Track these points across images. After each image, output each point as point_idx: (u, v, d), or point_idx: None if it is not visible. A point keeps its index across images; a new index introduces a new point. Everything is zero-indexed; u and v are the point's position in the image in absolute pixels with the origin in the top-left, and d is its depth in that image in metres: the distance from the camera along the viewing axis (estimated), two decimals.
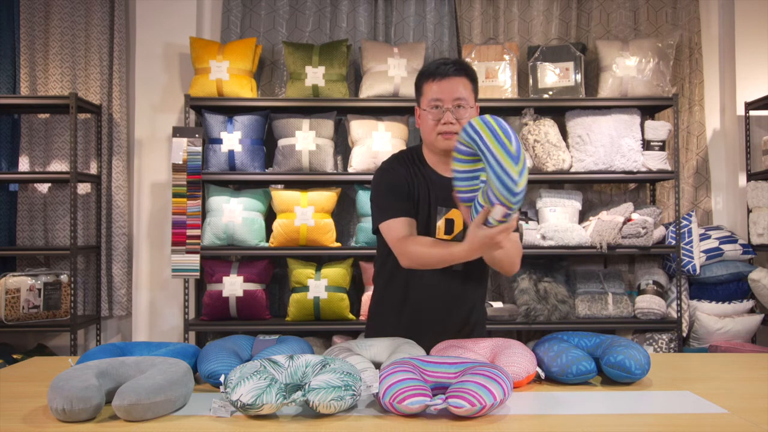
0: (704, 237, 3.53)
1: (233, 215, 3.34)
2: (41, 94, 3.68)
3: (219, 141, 3.40)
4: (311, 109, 3.51)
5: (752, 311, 3.53)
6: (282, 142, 3.43)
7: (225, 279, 3.34)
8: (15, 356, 3.32)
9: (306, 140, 3.37)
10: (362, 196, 3.41)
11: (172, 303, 3.57)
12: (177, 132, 3.33)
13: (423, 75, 1.79)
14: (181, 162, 3.31)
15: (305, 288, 3.31)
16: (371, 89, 3.44)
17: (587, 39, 3.81)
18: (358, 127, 3.42)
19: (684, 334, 3.46)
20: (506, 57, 3.52)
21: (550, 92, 3.51)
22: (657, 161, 3.44)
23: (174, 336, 3.55)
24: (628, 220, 3.41)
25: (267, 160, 3.52)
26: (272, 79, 3.79)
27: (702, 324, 3.43)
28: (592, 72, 3.74)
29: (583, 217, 3.61)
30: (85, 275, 3.74)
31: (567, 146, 3.48)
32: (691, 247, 3.45)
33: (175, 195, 3.31)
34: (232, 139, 3.38)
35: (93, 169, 3.73)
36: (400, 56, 3.48)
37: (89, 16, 3.72)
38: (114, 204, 3.66)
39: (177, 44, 3.61)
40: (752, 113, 3.70)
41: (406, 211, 1.76)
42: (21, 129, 3.73)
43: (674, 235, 3.44)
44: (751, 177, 3.63)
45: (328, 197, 3.39)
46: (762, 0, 3.71)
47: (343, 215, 3.71)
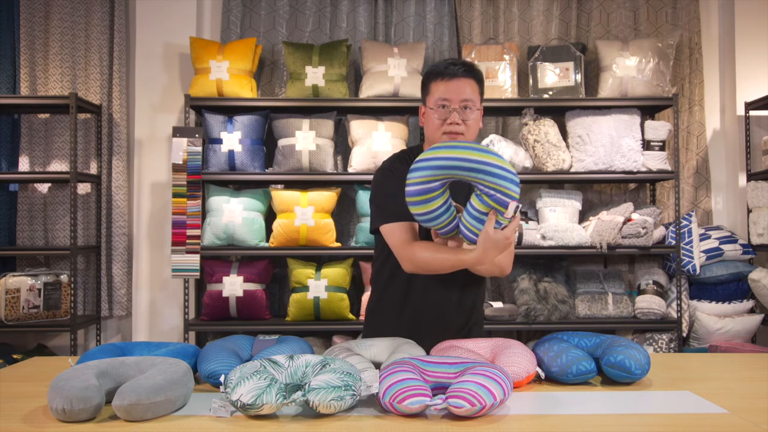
0: (704, 237, 3.53)
1: (233, 215, 3.34)
2: (41, 94, 3.68)
3: (219, 141, 3.40)
4: (311, 109, 3.51)
5: (752, 311, 3.53)
6: (282, 142, 3.43)
7: (225, 279, 3.34)
8: (15, 356, 3.32)
9: (306, 140, 3.37)
10: (362, 196, 3.41)
11: (172, 303, 3.57)
12: (177, 132, 3.33)
13: (431, 74, 1.78)
14: (181, 162, 3.31)
15: (305, 288, 3.31)
16: (371, 89, 3.44)
17: (587, 39, 3.81)
18: (358, 127, 3.42)
19: (684, 334, 3.46)
20: (506, 57, 3.52)
21: (550, 92, 3.51)
22: (657, 161, 3.44)
23: (174, 336, 3.55)
24: (628, 220, 3.41)
25: (267, 160, 3.51)
26: (272, 79, 3.79)
27: (702, 324, 3.43)
28: (592, 72, 3.74)
29: (583, 217, 3.61)
30: (85, 275, 3.74)
31: (567, 146, 3.48)
32: (691, 247, 3.45)
33: (175, 195, 3.31)
34: (232, 139, 3.38)
35: (93, 169, 3.73)
36: (400, 56, 3.48)
37: (89, 16, 3.72)
38: (114, 204, 3.66)
39: (177, 44, 3.61)
40: (752, 113, 3.70)
41: (408, 215, 1.76)
42: (21, 129, 3.73)
43: (674, 235, 3.44)
44: (751, 177, 3.63)
45: (328, 197, 3.39)
46: (762, 0, 3.71)
47: (343, 215, 3.71)
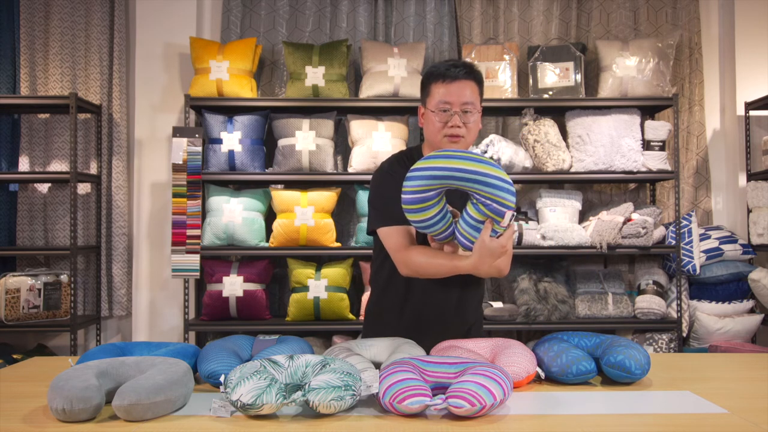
0: (704, 237, 3.53)
1: (233, 215, 3.34)
2: (41, 94, 3.68)
3: (219, 141, 3.40)
4: (311, 109, 3.51)
5: (752, 311, 3.53)
6: (282, 142, 3.43)
7: (225, 279, 3.34)
8: (15, 356, 3.32)
9: (306, 140, 3.37)
10: (362, 196, 3.41)
11: (172, 303, 3.57)
12: (177, 132, 3.33)
13: (431, 75, 1.76)
14: (181, 162, 3.31)
15: (305, 288, 3.31)
16: (371, 89, 3.44)
17: (587, 39, 3.81)
18: (358, 127, 3.42)
19: (684, 334, 3.46)
20: (506, 57, 3.52)
21: (550, 92, 3.51)
22: (657, 161, 3.44)
23: (174, 336, 3.55)
24: (628, 220, 3.41)
25: (267, 160, 3.51)
26: (272, 79, 3.79)
27: (702, 324, 3.43)
28: (592, 72, 3.74)
29: (583, 217, 3.61)
30: (85, 275, 3.74)
31: (567, 146, 3.48)
32: (691, 247, 3.45)
33: (175, 195, 3.31)
34: (232, 139, 3.38)
35: (93, 169, 3.73)
36: (400, 56, 3.48)
37: (89, 16, 3.72)
38: (114, 204, 3.66)
39: (177, 44, 3.61)
40: (752, 113, 3.70)
41: (405, 218, 1.75)
42: (21, 129, 3.73)
43: (674, 235, 3.44)
44: (751, 177, 3.63)
45: (328, 197, 3.39)
46: (762, 0, 3.71)
47: (343, 215, 3.71)
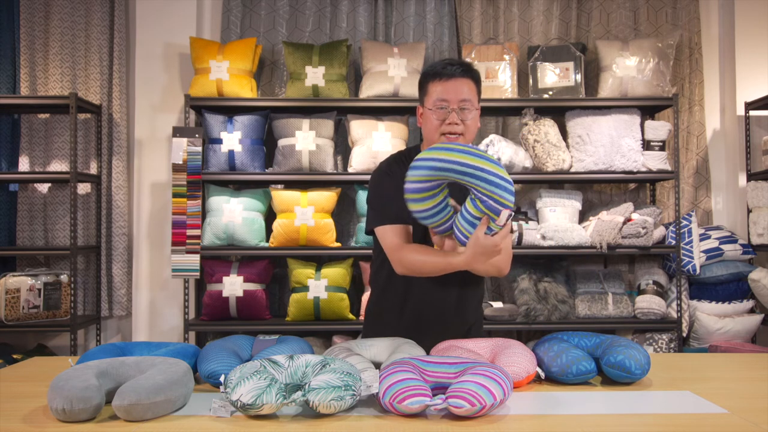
0: (704, 237, 3.53)
1: (233, 215, 3.34)
2: (41, 94, 3.68)
3: (219, 141, 3.40)
4: (311, 109, 3.51)
5: (752, 311, 3.53)
6: (282, 142, 3.43)
7: (225, 279, 3.34)
8: (15, 356, 3.32)
9: (306, 140, 3.37)
10: (362, 196, 3.41)
11: (172, 303, 3.57)
12: (177, 132, 3.33)
13: (428, 74, 1.78)
14: (181, 162, 3.31)
15: (305, 288, 3.31)
16: (371, 89, 3.44)
17: (587, 39, 3.81)
18: (358, 127, 3.42)
19: (684, 334, 3.46)
20: (506, 57, 3.52)
21: (550, 92, 3.51)
22: (657, 161, 3.44)
23: (174, 336, 3.55)
24: (628, 220, 3.41)
25: (267, 160, 3.51)
26: (272, 79, 3.79)
27: (702, 324, 3.43)
28: (592, 72, 3.74)
29: (583, 217, 3.61)
30: (85, 275, 3.74)
31: (567, 146, 3.48)
32: (691, 247, 3.45)
33: (175, 195, 3.31)
34: (232, 139, 3.38)
35: (93, 169, 3.73)
36: (400, 56, 3.48)
37: (89, 16, 3.72)
38: (114, 204, 3.66)
39: (177, 44, 3.61)
40: (752, 113, 3.70)
41: (403, 217, 1.76)
42: (21, 129, 3.73)
43: (674, 235, 3.44)
44: (751, 177, 3.63)
45: (328, 197, 3.39)
46: (762, 0, 3.71)
47: (343, 215, 3.71)
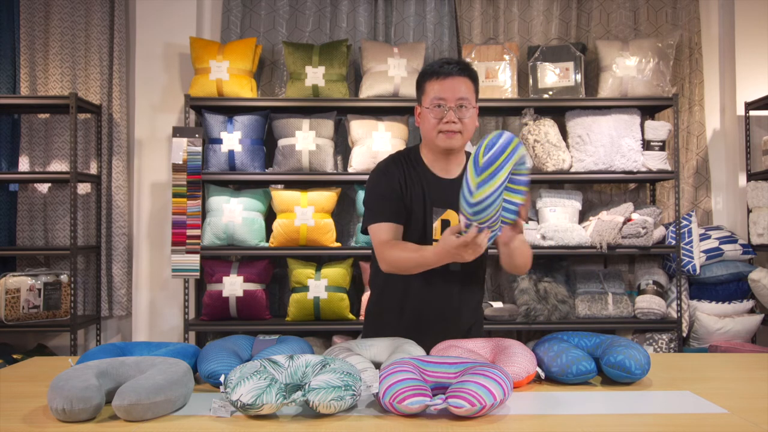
0: (704, 237, 3.53)
1: (233, 215, 3.34)
2: (41, 94, 3.68)
3: (219, 141, 3.40)
4: (311, 109, 3.51)
5: (752, 311, 3.53)
6: (282, 142, 3.43)
7: (225, 279, 3.34)
8: (15, 356, 3.32)
9: (306, 140, 3.37)
10: (362, 196, 3.41)
11: (172, 303, 3.57)
12: (177, 132, 3.33)
13: (426, 74, 1.78)
14: (181, 162, 3.31)
15: (305, 288, 3.31)
16: (371, 89, 3.44)
17: (587, 39, 3.81)
18: (358, 127, 3.42)
19: (684, 334, 3.46)
20: (506, 57, 3.52)
21: (550, 92, 3.51)
22: (657, 161, 3.44)
23: (174, 336, 3.55)
24: (628, 220, 3.41)
25: (267, 160, 3.51)
26: (272, 79, 3.79)
27: (702, 324, 3.43)
28: (592, 72, 3.74)
29: (583, 217, 3.61)
30: (85, 275, 3.74)
31: (567, 146, 3.48)
32: (691, 247, 3.45)
33: (175, 195, 3.31)
34: (232, 139, 3.38)
35: (93, 169, 3.73)
36: (400, 56, 3.48)
37: (89, 16, 3.72)
38: (114, 204, 3.66)
39: (177, 44, 3.61)
40: (752, 113, 3.70)
41: (394, 216, 1.76)
42: (21, 129, 3.73)
43: (674, 235, 3.44)
44: (751, 177, 3.63)
45: (328, 197, 3.39)
46: (762, 0, 3.71)
47: (343, 215, 3.71)
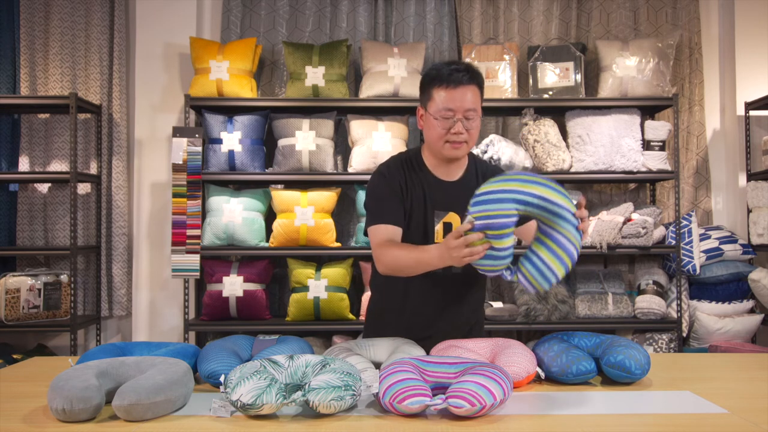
0: (704, 237, 3.53)
1: (233, 215, 3.34)
2: (41, 94, 3.67)
3: (219, 141, 3.39)
4: (311, 109, 3.51)
5: (752, 311, 3.53)
6: (282, 142, 3.43)
7: (225, 279, 3.34)
8: (15, 356, 3.32)
9: (306, 140, 3.37)
10: (362, 196, 3.41)
11: (172, 303, 3.57)
12: (177, 132, 3.33)
13: (433, 79, 1.71)
14: (181, 162, 3.31)
15: (305, 288, 3.31)
16: (371, 89, 3.44)
17: (587, 39, 3.81)
18: (358, 127, 3.42)
19: (684, 334, 3.46)
20: (506, 57, 3.52)
21: (550, 92, 3.51)
22: (657, 161, 3.44)
23: (174, 336, 3.55)
24: (628, 220, 3.41)
25: (267, 160, 3.51)
26: (272, 79, 3.79)
27: (702, 324, 3.43)
28: (592, 72, 3.74)
29: None
30: (85, 275, 3.74)
31: (567, 146, 3.48)
32: (691, 247, 3.45)
33: (175, 195, 3.31)
34: (232, 139, 3.38)
35: (93, 169, 3.73)
36: (400, 56, 3.48)
37: (89, 16, 3.72)
38: (114, 204, 3.66)
39: (177, 44, 3.61)
40: (752, 113, 3.70)
41: (394, 219, 1.75)
42: (21, 129, 3.73)
43: (674, 235, 3.44)
44: (751, 177, 3.63)
45: (328, 197, 3.39)
46: (762, 0, 3.71)
47: (343, 215, 3.71)
